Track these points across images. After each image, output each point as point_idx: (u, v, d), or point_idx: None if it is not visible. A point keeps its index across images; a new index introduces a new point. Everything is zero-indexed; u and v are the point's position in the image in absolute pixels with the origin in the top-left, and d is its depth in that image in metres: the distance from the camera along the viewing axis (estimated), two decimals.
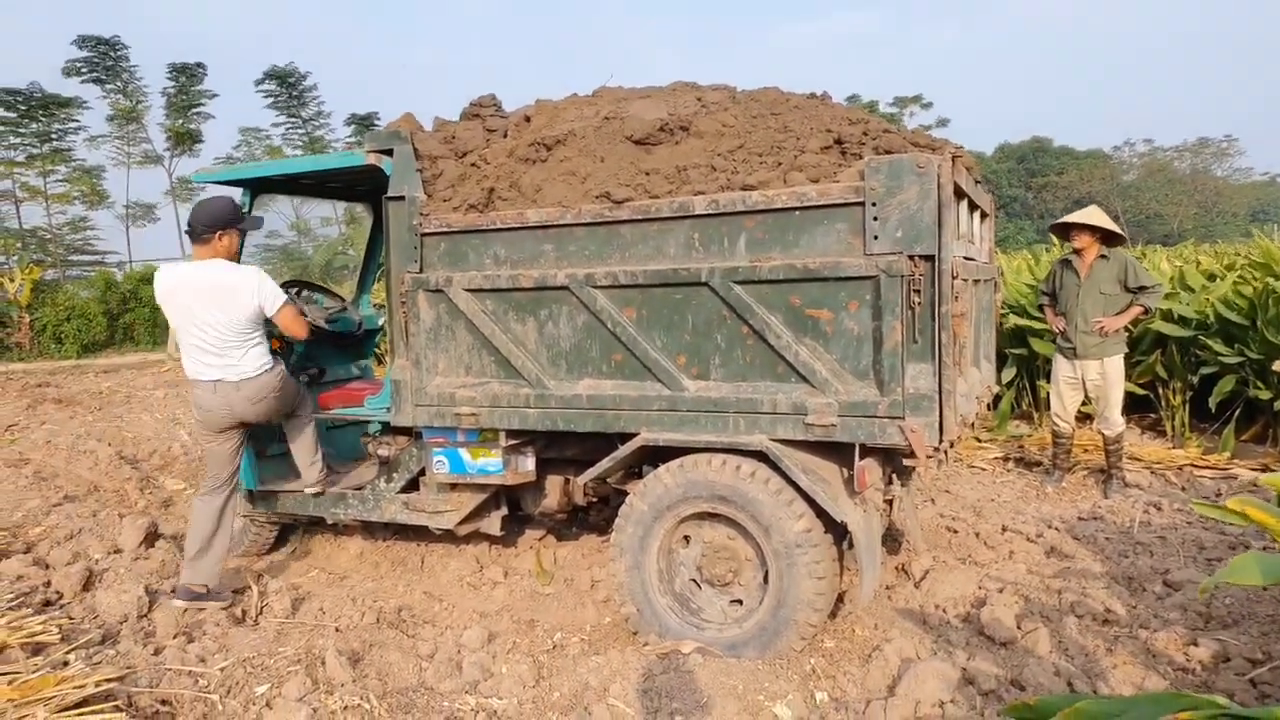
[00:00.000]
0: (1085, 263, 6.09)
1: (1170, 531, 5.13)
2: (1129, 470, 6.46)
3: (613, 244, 3.73)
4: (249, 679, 3.42)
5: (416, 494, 4.53)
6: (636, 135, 3.82)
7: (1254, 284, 7.46)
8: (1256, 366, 6.96)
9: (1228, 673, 3.32)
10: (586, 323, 3.82)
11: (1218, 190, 52.28)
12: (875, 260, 3.28)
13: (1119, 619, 3.92)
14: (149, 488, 6.75)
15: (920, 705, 3.17)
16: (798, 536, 3.50)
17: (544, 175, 3.89)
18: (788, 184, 3.45)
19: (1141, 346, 7.71)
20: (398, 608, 4.36)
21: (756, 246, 3.49)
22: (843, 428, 3.42)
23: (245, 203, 4.90)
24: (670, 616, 3.79)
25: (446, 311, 4.08)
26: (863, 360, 3.39)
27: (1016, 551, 4.92)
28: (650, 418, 3.73)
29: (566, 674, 3.51)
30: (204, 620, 4.03)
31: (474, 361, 4.09)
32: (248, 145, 36.06)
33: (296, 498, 4.83)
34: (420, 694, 3.40)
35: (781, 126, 3.74)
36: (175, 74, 33.35)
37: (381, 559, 5.18)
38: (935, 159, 3.23)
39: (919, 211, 3.22)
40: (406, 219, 4.09)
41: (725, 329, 3.58)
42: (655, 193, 3.65)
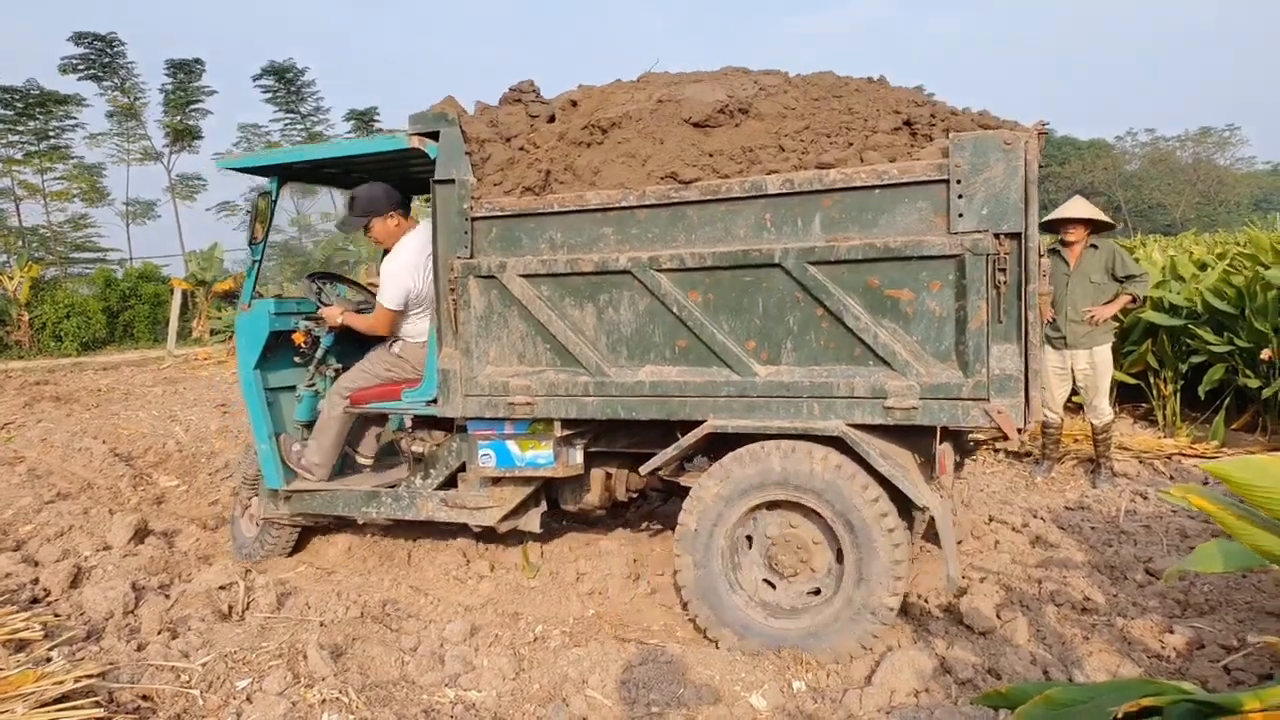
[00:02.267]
0: (1074, 253, 6.10)
1: (1155, 520, 5.14)
2: (1118, 460, 6.47)
3: (678, 225, 3.66)
4: (230, 673, 3.44)
5: (455, 490, 4.44)
6: (695, 117, 3.74)
7: (1243, 273, 7.46)
8: (1245, 355, 6.97)
9: (1202, 660, 3.33)
10: (649, 307, 3.74)
11: (1220, 179, 52.07)
12: (960, 239, 3.23)
13: (1098, 607, 3.93)
14: (142, 484, 6.79)
15: (895, 694, 3.19)
16: (878, 521, 3.45)
17: (601, 158, 3.81)
18: (865, 163, 3.39)
19: (1133, 336, 7.72)
20: (383, 602, 4.38)
21: (833, 226, 3.43)
22: (924, 411, 3.36)
23: (273, 190, 4.82)
24: (744, 612, 3.70)
25: (499, 298, 3.99)
26: (945, 341, 3.34)
27: (1002, 541, 4.94)
28: (717, 404, 3.65)
29: (546, 666, 3.53)
30: (189, 616, 4.05)
31: (528, 349, 4.01)
32: (247, 141, 36.12)
33: (326, 496, 4.75)
34: (400, 687, 3.41)
35: (845, 109, 3.68)
36: (173, 70, 33.40)
37: (369, 554, 5.20)
38: (1022, 135, 3.19)
39: (1006, 189, 3.19)
40: (456, 203, 3.99)
41: (798, 311, 3.51)
42: (723, 173, 3.59)
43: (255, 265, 4.91)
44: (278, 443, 4.83)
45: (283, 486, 4.80)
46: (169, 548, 5.18)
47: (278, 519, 4.99)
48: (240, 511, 5.34)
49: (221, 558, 5.07)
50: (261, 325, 4.82)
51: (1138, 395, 7.95)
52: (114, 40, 31.69)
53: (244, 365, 4.92)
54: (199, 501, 6.54)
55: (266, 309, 4.83)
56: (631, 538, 5.03)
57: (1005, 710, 2.87)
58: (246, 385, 4.90)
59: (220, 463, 7.34)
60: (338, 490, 4.76)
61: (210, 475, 7.06)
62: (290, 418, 5.02)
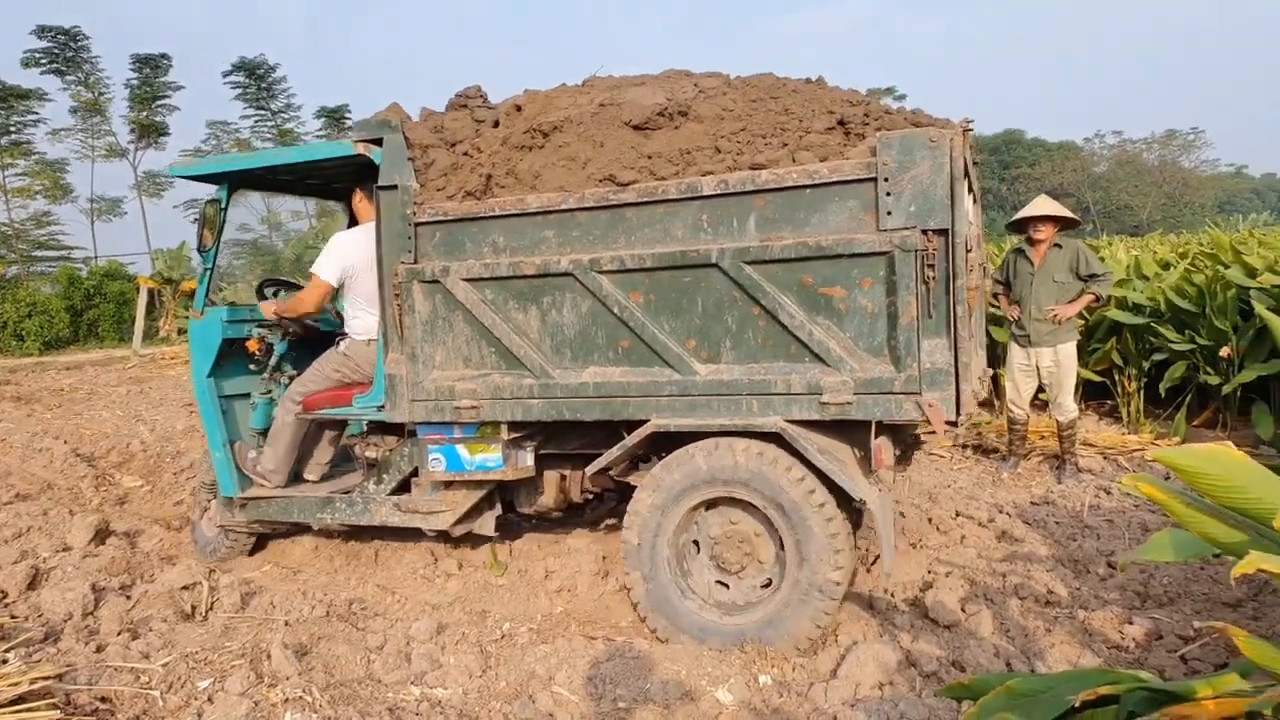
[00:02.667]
0: (1039, 252, 6.17)
1: (1118, 515, 5.21)
2: (1083, 456, 6.55)
3: (618, 228, 3.70)
4: (192, 674, 3.39)
5: (408, 495, 4.44)
6: (635, 120, 3.79)
7: (1204, 272, 7.58)
8: (1206, 353, 7.08)
9: (1160, 650, 3.39)
10: (592, 309, 3.78)
11: (1185, 181, 52.88)
12: (889, 236, 3.29)
13: (1061, 600, 3.98)
14: (104, 485, 6.69)
15: (860, 687, 3.21)
16: (806, 500, 3.50)
17: (542, 161, 3.84)
18: (797, 163, 3.44)
19: (1097, 334, 7.82)
20: (349, 601, 4.34)
21: (767, 226, 3.48)
22: (859, 405, 3.42)
23: (222, 198, 4.79)
24: (700, 615, 3.74)
25: (443, 302, 4.01)
26: (877, 337, 3.39)
27: (968, 536, 4.98)
28: (660, 403, 3.69)
29: (513, 663, 3.52)
30: (150, 617, 3.99)
31: (473, 353, 4.03)
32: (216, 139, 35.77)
33: (280, 503, 4.74)
34: (365, 685, 3.39)
35: (782, 109, 3.73)
36: (139, 65, 32.96)
37: (335, 553, 5.16)
38: (947, 133, 3.25)
39: (932, 185, 3.24)
40: (400, 208, 4.01)
41: (736, 310, 3.56)
42: (660, 175, 3.62)
43: (208, 272, 4.90)
44: (233, 450, 4.82)
45: (237, 494, 4.79)
46: (131, 548, 5.10)
47: (233, 526, 4.96)
48: (199, 514, 5.31)
49: (185, 558, 5.00)
50: (214, 333, 4.82)
51: (1102, 392, 8.05)
52: (78, 34, 31.24)
53: (197, 373, 4.92)
54: (163, 502, 6.45)
55: (219, 316, 4.83)
56: (600, 535, 5.02)
57: (968, 701, 2.89)
58: (200, 393, 4.90)
59: (186, 462, 7.25)
60: (293, 497, 4.75)
61: (175, 475, 6.97)
62: (245, 425, 5.00)
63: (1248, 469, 2.11)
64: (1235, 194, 56.83)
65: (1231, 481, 2.09)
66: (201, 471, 5.32)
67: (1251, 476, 2.10)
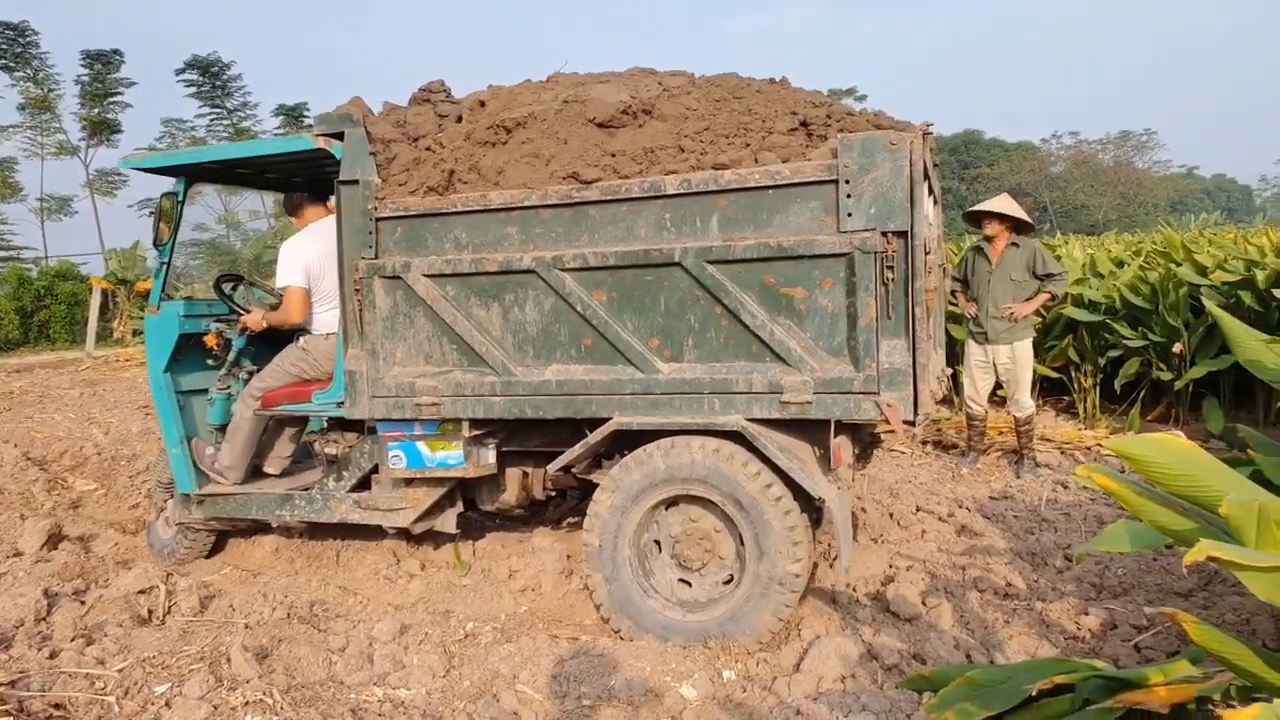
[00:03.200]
0: (996, 250, 6.26)
1: (1075, 509, 5.30)
2: (1041, 451, 6.65)
3: (581, 225, 3.69)
4: (149, 679, 3.33)
5: (368, 492, 4.41)
6: (599, 118, 3.79)
7: (1157, 270, 7.74)
8: (1159, 349, 7.23)
9: (1115, 639, 3.45)
10: (554, 306, 3.77)
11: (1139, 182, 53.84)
12: (849, 237, 3.31)
13: (1019, 592, 4.04)
14: (57, 489, 6.54)
15: (823, 680, 3.24)
16: (763, 494, 3.52)
17: (505, 158, 3.82)
18: (759, 163, 3.46)
19: (1054, 331, 7.95)
20: (310, 603, 4.29)
21: (729, 226, 3.49)
22: (819, 404, 3.45)
23: (179, 191, 4.73)
24: (663, 614, 3.75)
25: (404, 298, 3.99)
26: (837, 337, 3.42)
27: (928, 531, 5.04)
28: (623, 402, 3.70)
29: (477, 663, 3.51)
30: (105, 622, 3.92)
31: (434, 349, 4.00)
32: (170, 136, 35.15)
33: (239, 500, 4.68)
34: (327, 687, 3.35)
35: (745, 109, 3.74)
36: (90, 61, 32.29)
37: (297, 554, 5.10)
38: (907, 136, 3.28)
39: (892, 188, 3.27)
40: (360, 203, 3.98)
41: (698, 309, 3.58)
42: (624, 173, 3.62)
43: (163, 267, 4.84)
44: (190, 447, 4.75)
45: (195, 491, 4.72)
46: (85, 553, 5.01)
47: (191, 523, 4.90)
48: (156, 514, 5.22)
49: (141, 562, 4.92)
50: (171, 328, 4.76)
51: (1059, 388, 8.19)
52: (25, 29, 30.54)
53: (153, 368, 4.85)
54: (118, 505, 6.33)
55: (176, 311, 4.77)
56: (564, 534, 5.01)
57: (929, 693, 2.93)
58: (156, 389, 4.84)
59: (142, 465, 7.11)
60: (251, 493, 4.69)
61: (131, 478, 6.84)
62: (203, 421, 4.94)
63: (1197, 458, 2.16)
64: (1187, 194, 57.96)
65: (1181, 470, 2.14)
66: (158, 470, 5.23)
67: (1200, 465, 2.15)
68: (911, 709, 2.89)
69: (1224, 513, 1.84)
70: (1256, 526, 1.80)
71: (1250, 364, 3.54)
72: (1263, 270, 6.85)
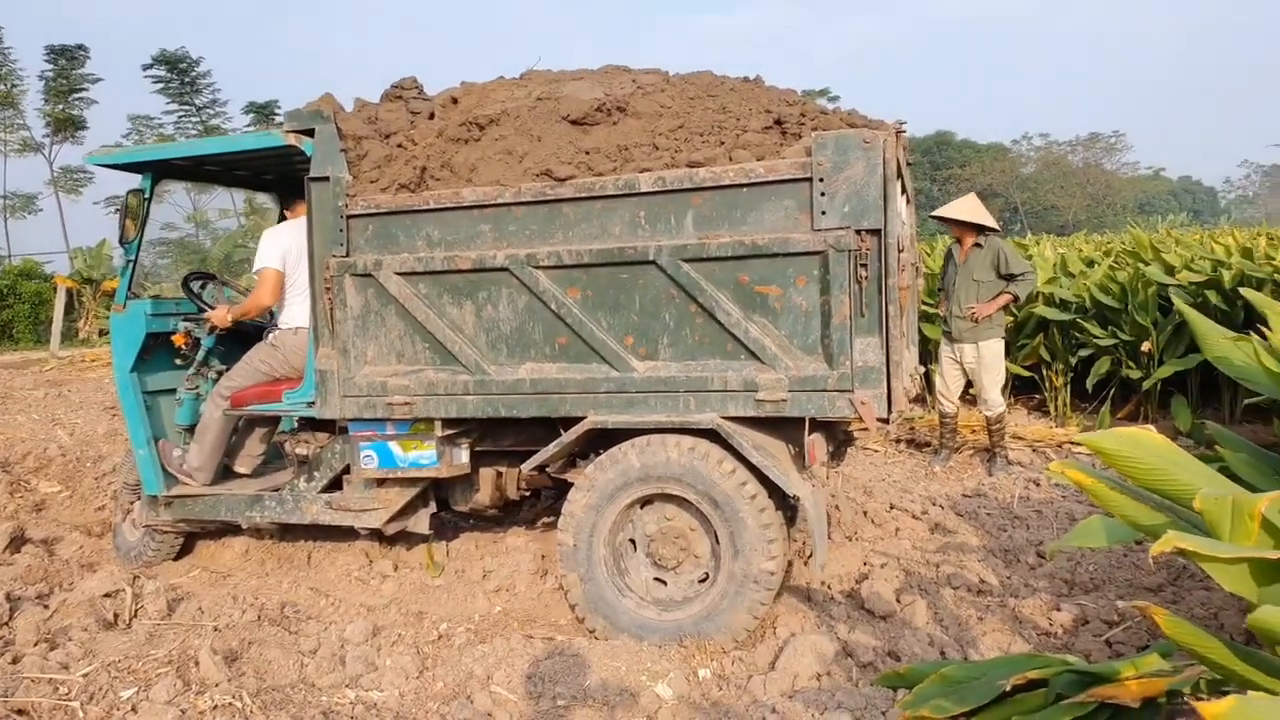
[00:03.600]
0: (963, 250, 6.31)
1: (1046, 506, 5.35)
2: (1012, 449, 6.71)
3: (555, 223, 3.67)
4: (114, 683, 3.27)
5: (340, 493, 4.35)
6: (573, 115, 3.76)
7: (1126, 269, 7.83)
8: (1129, 348, 7.31)
9: (1086, 634, 3.49)
10: (528, 305, 3.74)
11: (1108, 183, 54.56)
12: (823, 235, 3.32)
13: (992, 589, 4.07)
14: (20, 491, 6.41)
15: (798, 678, 3.24)
16: (738, 492, 3.52)
17: (478, 154, 3.79)
18: (734, 161, 3.45)
19: (1025, 330, 8.03)
20: (281, 604, 4.24)
21: (704, 224, 3.49)
22: (793, 402, 3.44)
23: (146, 188, 4.64)
24: (638, 613, 3.73)
25: (375, 296, 3.94)
26: (811, 335, 3.42)
27: (902, 528, 5.07)
28: (598, 400, 3.68)
29: (451, 664, 3.48)
30: (70, 626, 3.85)
31: (406, 348, 3.96)
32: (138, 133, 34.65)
33: (208, 502, 4.60)
34: (298, 690, 3.31)
35: (720, 107, 3.73)
36: (54, 56, 31.78)
37: (267, 556, 5.03)
38: (881, 134, 3.28)
39: (865, 186, 3.28)
40: (331, 200, 3.93)
41: (673, 308, 3.56)
42: (599, 171, 3.60)
43: (130, 264, 4.77)
44: (157, 448, 4.67)
45: (163, 492, 4.64)
46: (49, 556, 4.91)
47: (159, 526, 4.81)
48: (122, 516, 5.13)
49: (107, 564, 4.83)
50: (138, 326, 4.68)
51: (1031, 387, 8.27)
52: None
53: (120, 368, 4.76)
54: (83, 507, 6.22)
55: (143, 310, 4.69)
56: (538, 534, 4.99)
57: (904, 689, 2.94)
58: (123, 389, 4.75)
59: (108, 466, 6.99)
60: (220, 495, 4.62)
61: (96, 480, 6.71)
62: (171, 422, 4.86)
63: (1169, 453, 2.18)
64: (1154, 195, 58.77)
65: (1153, 465, 2.15)
66: (124, 472, 5.14)
67: (1172, 460, 2.17)
68: (886, 706, 2.90)
69: (1198, 507, 1.86)
70: (1230, 520, 1.81)
71: (1218, 361, 3.58)
72: (1229, 270, 6.95)
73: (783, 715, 2.92)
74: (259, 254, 4.44)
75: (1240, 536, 1.79)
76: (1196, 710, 1.62)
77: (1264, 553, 1.71)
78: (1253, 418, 6.72)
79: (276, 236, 4.47)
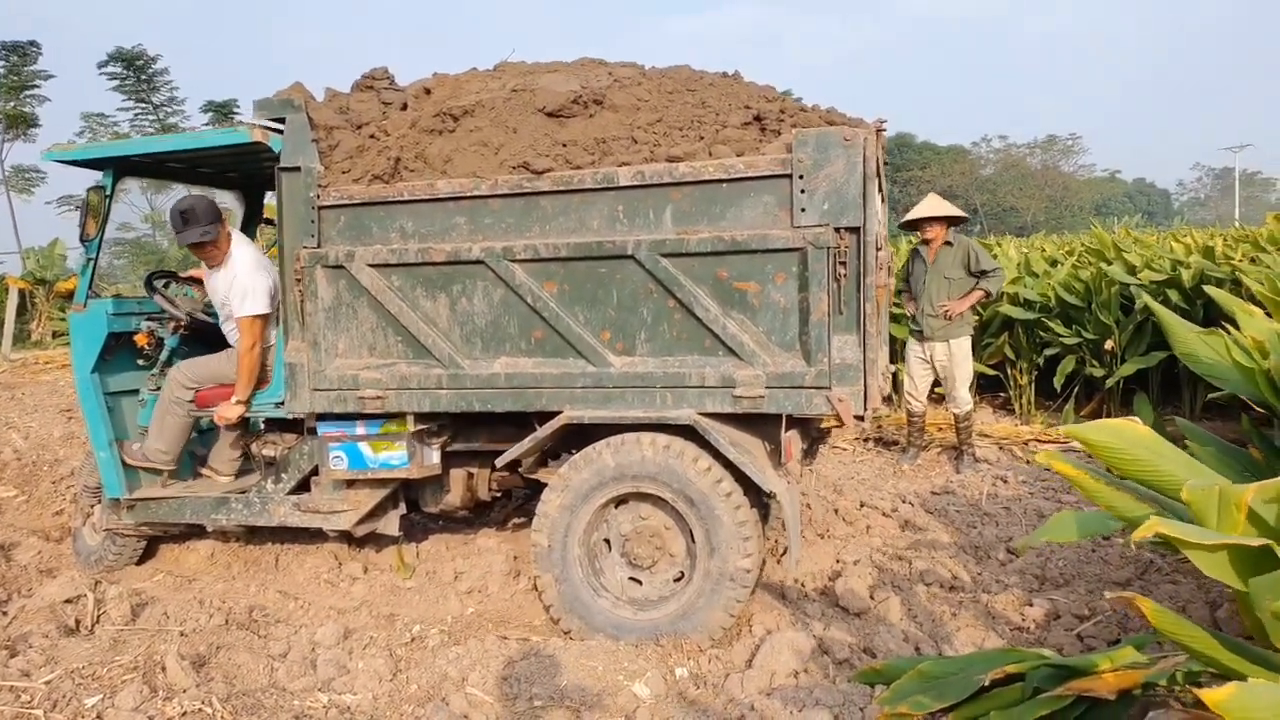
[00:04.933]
0: (932, 250, 6.36)
1: (1014, 503, 5.41)
2: (979, 446, 6.78)
3: (532, 216, 3.62)
4: (78, 690, 3.20)
5: (308, 494, 4.28)
6: (549, 107, 3.72)
7: (1089, 269, 7.94)
8: (1092, 346, 7.42)
9: (1058, 629, 3.53)
10: (504, 298, 3.69)
11: (1065, 185, 55.46)
12: (803, 232, 3.31)
13: (964, 585, 4.11)
14: None
15: (775, 676, 3.23)
16: (714, 489, 3.52)
17: (453, 146, 3.74)
18: (714, 156, 3.43)
19: (991, 329, 8.12)
20: (249, 608, 4.17)
21: (683, 219, 3.46)
22: (771, 399, 3.44)
23: (107, 185, 4.53)
24: (613, 613, 3.71)
25: (347, 288, 3.87)
26: (789, 332, 3.42)
27: (873, 526, 5.10)
28: (574, 395, 3.65)
29: (425, 666, 3.43)
30: (30, 633, 3.75)
31: (379, 341, 3.89)
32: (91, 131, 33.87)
33: (172, 504, 4.50)
34: (269, 694, 3.25)
35: (699, 102, 3.72)
36: (5, 53, 31.02)
37: (234, 559, 4.94)
38: (861, 132, 3.28)
39: (846, 184, 3.28)
40: (303, 191, 3.85)
41: (651, 303, 3.54)
42: (576, 164, 3.56)
43: (90, 263, 4.63)
44: (119, 449, 4.56)
45: (125, 495, 4.52)
46: (6, 561, 4.80)
47: (121, 529, 4.69)
48: (82, 520, 5.00)
49: (66, 570, 4.72)
50: (99, 326, 4.56)
51: (996, 385, 8.36)
52: None
53: (80, 369, 4.64)
54: (40, 512, 6.07)
55: (104, 309, 4.58)
56: (510, 535, 4.95)
57: (882, 686, 2.95)
58: (83, 390, 4.62)
59: (65, 470, 6.83)
60: (185, 497, 4.52)
61: (54, 484, 6.55)
62: (133, 423, 4.74)
63: (1154, 444, 2.21)
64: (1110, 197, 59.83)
65: (1138, 455, 2.18)
66: (84, 475, 5.01)
67: (1158, 451, 2.20)
68: (864, 702, 2.91)
69: (1185, 498, 1.88)
70: (1217, 510, 1.84)
71: (1186, 357, 3.64)
72: (1188, 270, 7.08)
73: (761, 713, 2.92)
74: (250, 298, 4.26)
75: (1226, 527, 1.82)
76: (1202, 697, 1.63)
77: (1245, 540, 1.73)
78: (1213, 414, 6.84)
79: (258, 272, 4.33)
